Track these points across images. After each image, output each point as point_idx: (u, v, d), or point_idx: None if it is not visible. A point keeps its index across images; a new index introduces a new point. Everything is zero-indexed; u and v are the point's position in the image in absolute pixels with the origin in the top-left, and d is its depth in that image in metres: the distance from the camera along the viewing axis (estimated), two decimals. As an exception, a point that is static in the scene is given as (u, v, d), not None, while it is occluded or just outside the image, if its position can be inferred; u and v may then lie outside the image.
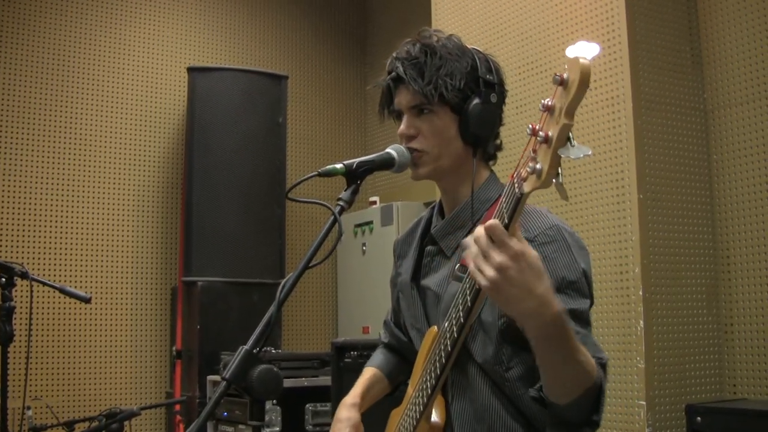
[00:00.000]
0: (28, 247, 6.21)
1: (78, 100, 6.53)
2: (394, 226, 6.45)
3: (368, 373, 2.63)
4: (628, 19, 3.96)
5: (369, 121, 7.88)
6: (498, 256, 1.57)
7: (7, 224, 6.15)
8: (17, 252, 6.14)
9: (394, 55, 2.27)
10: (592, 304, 2.05)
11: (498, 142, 2.30)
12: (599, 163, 3.97)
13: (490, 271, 1.58)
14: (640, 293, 3.78)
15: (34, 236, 6.24)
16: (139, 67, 6.84)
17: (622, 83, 3.92)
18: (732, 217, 4.13)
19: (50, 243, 6.30)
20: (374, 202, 6.92)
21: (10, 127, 6.24)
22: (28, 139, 6.30)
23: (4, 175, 6.18)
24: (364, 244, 6.83)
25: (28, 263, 5.89)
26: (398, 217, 6.48)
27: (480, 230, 1.61)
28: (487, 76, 2.20)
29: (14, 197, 6.20)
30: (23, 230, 6.20)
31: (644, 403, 3.72)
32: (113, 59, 6.72)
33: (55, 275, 6.22)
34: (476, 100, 2.17)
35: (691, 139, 4.18)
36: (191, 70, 6.50)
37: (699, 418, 3.62)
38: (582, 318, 1.97)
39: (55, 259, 6.30)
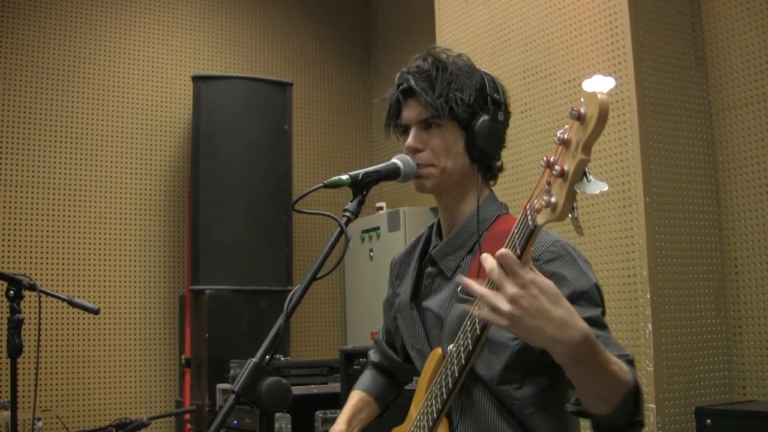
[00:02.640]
0: (36, 258, 6.22)
1: (83, 110, 6.54)
2: (401, 231, 6.45)
3: (355, 397, 2.63)
4: (632, 23, 3.96)
5: (374, 127, 7.87)
6: (510, 288, 1.56)
7: (15, 236, 6.17)
8: (25, 264, 6.15)
9: (404, 69, 2.27)
10: (604, 314, 2.04)
11: (500, 163, 2.31)
12: (605, 167, 3.97)
13: (505, 306, 1.57)
14: (648, 297, 3.78)
15: (42, 248, 6.25)
16: (145, 77, 6.85)
17: (627, 87, 3.92)
18: (739, 219, 4.13)
19: (58, 254, 6.31)
20: (381, 208, 6.92)
21: (15, 138, 6.26)
22: (33, 150, 6.31)
23: (9, 186, 6.19)
24: (371, 250, 6.83)
25: (35, 275, 5.91)
26: (405, 223, 6.47)
27: (490, 262, 1.60)
28: (495, 95, 2.22)
29: (21, 209, 6.21)
30: (30, 242, 6.21)
31: (654, 406, 3.71)
32: (118, 69, 6.74)
33: (63, 287, 6.23)
34: (484, 117, 2.18)
35: (697, 142, 4.18)
36: (196, 79, 6.51)
37: (709, 421, 3.61)
38: (598, 323, 1.96)
39: (62, 270, 6.31)
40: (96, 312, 4.30)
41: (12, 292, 4.00)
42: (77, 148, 6.48)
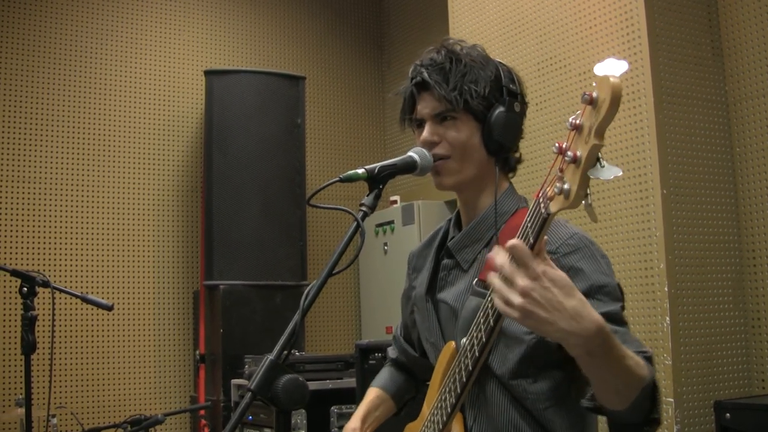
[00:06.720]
0: (49, 255, 6.22)
1: (95, 106, 6.54)
2: (416, 225, 6.43)
3: (372, 394, 2.62)
4: (648, 12, 3.92)
5: (388, 119, 7.85)
6: (521, 281, 1.54)
7: (28, 233, 6.17)
8: (38, 261, 6.15)
9: (418, 62, 2.25)
10: (623, 309, 2.00)
11: (518, 154, 2.28)
12: (622, 159, 3.94)
13: (517, 299, 1.55)
14: (666, 289, 3.75)
15: (55, 244, 6.26)
16: (157, 72, 6.85)
17: (643, 77, 3.88)
18: (756, 210, 4.09)
19: (71, 251, 6.31)
20: (395, 202, 6.90)
21: (28, 135, 6.26)
22: (45, 146, 6.31)
23: (22, 183, 6.19)
24: (385, 244, 6.81)
25: (49, 272, 5.92)
26: (419, 217, 6.45)
27: (503, 256, 1.57)
28: (511, 86, 2.19)
29: (33, 205, 6.22)
30: (43, 239, 6.22)
31: (672, 400, 3.68)
32: (130, 64, 6.73)
33: (76, 283, 6.24)
34: (500, 109, 2.16)
35: (714, 132, 4.14)
36: (208, 73, 6.50)
37: (728, 415, 3.58)
38: (616, 318, 1.93)
39: (76, 266, 6.31)
40: (110, 308, 4.29)
41: (25, 289, 3.99)
42: (89, 144, 6.48)
